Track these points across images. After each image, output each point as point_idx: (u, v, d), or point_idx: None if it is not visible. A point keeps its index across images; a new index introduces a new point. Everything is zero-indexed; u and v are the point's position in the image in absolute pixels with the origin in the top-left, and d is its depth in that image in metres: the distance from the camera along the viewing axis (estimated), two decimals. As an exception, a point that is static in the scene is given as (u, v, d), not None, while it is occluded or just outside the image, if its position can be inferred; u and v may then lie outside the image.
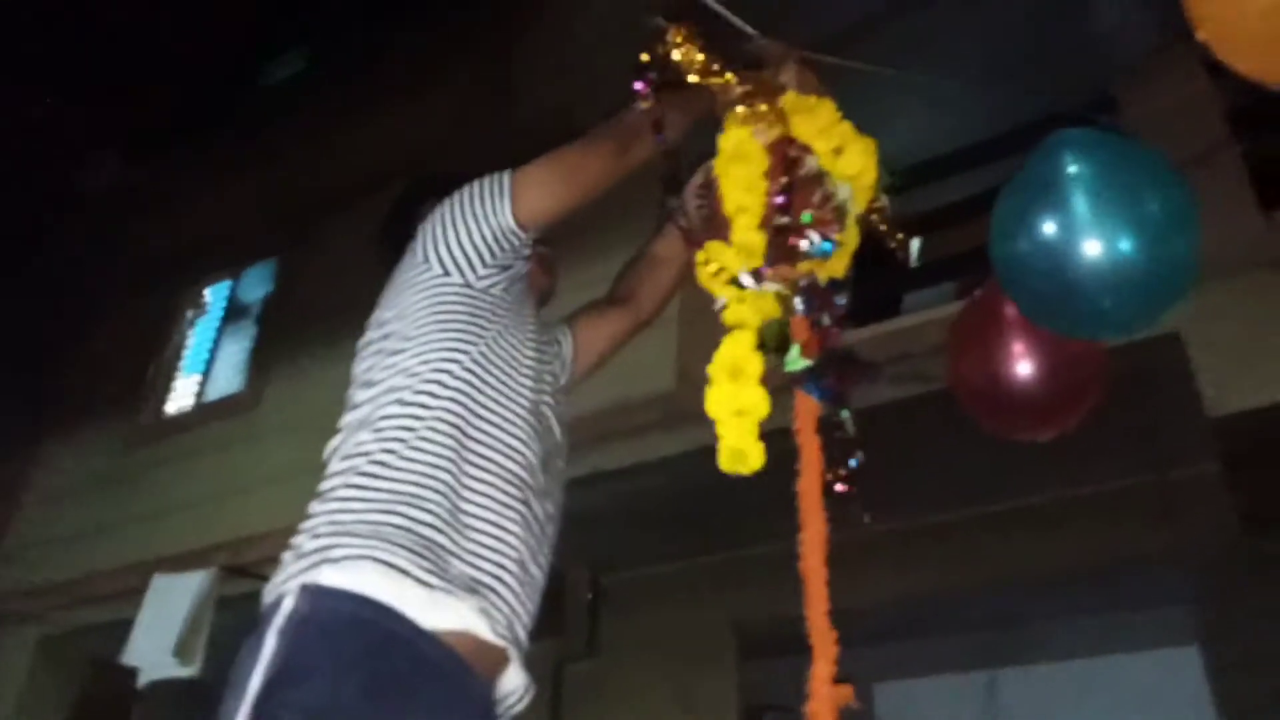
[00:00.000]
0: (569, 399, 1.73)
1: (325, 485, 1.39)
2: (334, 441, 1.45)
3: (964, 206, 3.80)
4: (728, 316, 1.36)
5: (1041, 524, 3.51)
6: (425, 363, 1.44)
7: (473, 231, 1.54)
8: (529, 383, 1.52)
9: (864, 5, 4.00)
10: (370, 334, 1.55)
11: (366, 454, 1.37)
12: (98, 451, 5.87)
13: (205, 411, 5.68)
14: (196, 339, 6.25)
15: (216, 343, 6.07)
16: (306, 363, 4.96)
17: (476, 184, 1.58)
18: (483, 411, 1.43)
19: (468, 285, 1.53)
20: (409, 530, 1.29)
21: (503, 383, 1.48)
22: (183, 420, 5.76)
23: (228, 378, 5.78)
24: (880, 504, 1.35)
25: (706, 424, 1.30)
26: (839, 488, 1.30)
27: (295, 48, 6.83)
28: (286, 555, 1.31)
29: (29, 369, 6.27)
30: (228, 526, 4.71)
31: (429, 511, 1.31)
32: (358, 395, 1.48)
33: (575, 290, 2.02)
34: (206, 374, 5.94)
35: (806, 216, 1.32)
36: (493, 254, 1.54)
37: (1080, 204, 1.59)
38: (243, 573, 4.32)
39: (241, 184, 6.30)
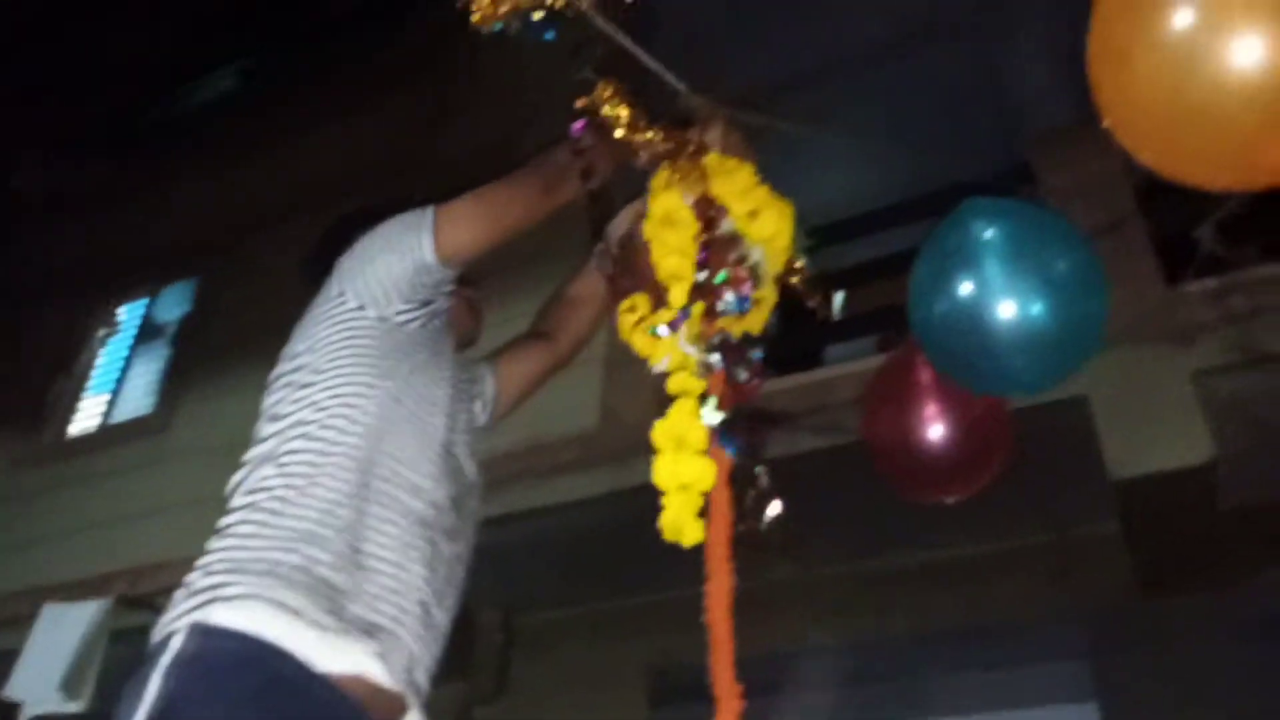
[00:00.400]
0: (487, 437, 1.71)
1: (225, 521, 1.35)
2: (237, 476, 1.41)
3: (886, 263, 3.90)
4: (671, 385, 1.36)
5: (944, 578, 3.57)
6: (335, 397, 1.41)
7: (392, 266, 1.51)
8: (441, 421, 1.50)
9: (790, 67, 4.11)
10: (281, 366, 1.51)
11: (268, 490, 1.34)
12: (-6, 470, 5.62)
13: (111, 434, 5.47)
14: (106, 358, 6.04)
15: (128, 363, 5.87)
16: (221, 387, 4.82)
17: (398, 219, 1.56)
18: (390, 449, 1.40)
19: (383, 320, 1.51)
20: (305, 570, 1.25)
21: (413, 421, 1.45)
22: (87, 441, 5.54)
23: (137, 400, 5.59)
24: (786, 554, 1.37)
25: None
26: (748, 543, 1.31)
27: (228, 64, 6.72)
28: (179, 593, 1.27)
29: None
30: (127, 554, 4.52)
31: (327, 550, 1.28)
32: (265, 429, 1.44)
33: (500, 326, 2.01)
34: (115, 395, 5.73)
35: (722, 275, 1.34)
36: (413, 288, 1.52)
37: (992, 268, 1.67)
38: (140, 604, 4.16)
39: (165, 200, 6.15)
